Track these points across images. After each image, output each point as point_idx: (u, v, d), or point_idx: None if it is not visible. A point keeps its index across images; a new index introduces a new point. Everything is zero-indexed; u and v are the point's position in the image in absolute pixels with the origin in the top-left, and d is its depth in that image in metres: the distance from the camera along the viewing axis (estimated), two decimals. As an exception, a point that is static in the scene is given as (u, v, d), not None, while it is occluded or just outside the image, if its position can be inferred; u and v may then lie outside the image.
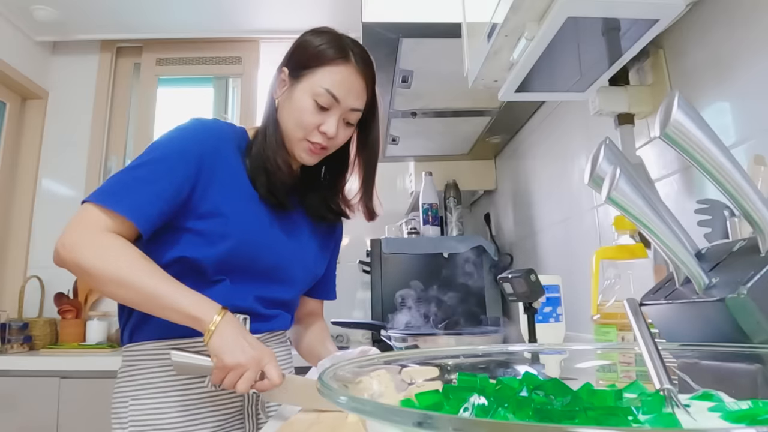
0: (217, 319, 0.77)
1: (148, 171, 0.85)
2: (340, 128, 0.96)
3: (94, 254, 0.79)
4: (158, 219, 0.84)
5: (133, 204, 0.81)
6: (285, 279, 0.99)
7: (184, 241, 0.88)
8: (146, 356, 0.91)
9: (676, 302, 0.41)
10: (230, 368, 0.76)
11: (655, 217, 0.39)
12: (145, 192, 0.83)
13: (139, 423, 0.88)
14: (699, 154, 0.36)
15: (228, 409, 0.92)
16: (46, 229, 2.64)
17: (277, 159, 0.94)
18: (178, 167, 0.86)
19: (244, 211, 0.92)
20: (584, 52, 0.86)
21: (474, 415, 0.31)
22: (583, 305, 0.84)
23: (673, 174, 0.93)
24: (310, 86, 0.93)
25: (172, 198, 0.84)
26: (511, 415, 0.30)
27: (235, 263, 0.91)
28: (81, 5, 2.47)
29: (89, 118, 2.77)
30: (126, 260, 0.79)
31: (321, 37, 0.95)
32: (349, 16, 1.86)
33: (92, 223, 0.81)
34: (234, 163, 0.94)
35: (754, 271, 0.35)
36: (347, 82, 0.93)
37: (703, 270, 0.39)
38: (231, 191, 0.92)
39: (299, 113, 0.93)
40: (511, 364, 0.49)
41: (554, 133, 1.55)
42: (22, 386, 1.97)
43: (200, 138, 0.91)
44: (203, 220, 0.88)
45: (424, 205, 2.08)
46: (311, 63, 0.93)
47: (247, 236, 0.91)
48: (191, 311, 0.77)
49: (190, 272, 0.88)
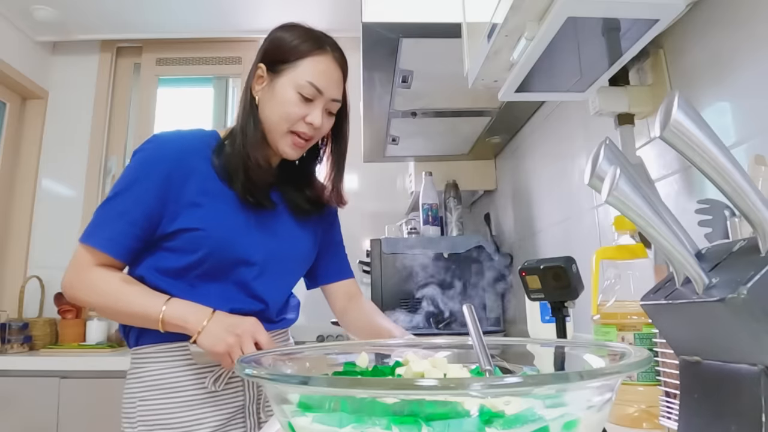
0: (206, 323, 0.86)
1: (117, 202, 0.91)
2: (324, 118, 0.97)
3: (85, 292, 0.91)
4: (134, 244, 0.92)
5: (107, 238, 0.90)
6: (276, 273, 0.99)
7: (163, 255, 0.93)
8: (152, 358, 0.94)
9: (676, 302, 0.41)
10: (224, 353, 0.84)
11: (655, 217, 0.39)
12: (117, 224, 0.90)
13: (148, 422, 0.91)
14: (699, 154, 0.36)
15: (229, 408, 0.95)
16: (46, 229, 2.64)
17: (257, 156, 0.94)
18: (145, 191, 0.90)
19: (218, 216, 0.93)
20: (584, 52, 0.86)
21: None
22: (583, 305, 0.84)
23: (673, 174, 0.93)
24: (293, 79, 0.94)
25: (144, 221, 0.91)
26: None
27: (216, 268, 0.93)
28: (81, 5, 2.47)
29: (89, 118, 2.78)
30: (110, 290, 0.90)
31: (294, 31, 0.97)
32: (349, 16, 1.86)
33: (81, 263, 0.91)
34: (203, 169, 0.94)
35: (754, 271, 0.35)
36: (327, 73, 0.96)
37: (703, 270, 0.39)
38: (204, 197, 0.93)
39: (284, 106, 0.94)
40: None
41: (554, 133, 1.55)
42: (22, 386, 1.97)
43: (161, 155, 0.93)
44: (180, 233, 0.91)
45: (424, 205, 2.08)
46: (290, 57, 0.95)
47: (224, 241, 0.93)
48: (179, 322, 0.87)
49: (176, 281, 0.92)
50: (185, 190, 0.91)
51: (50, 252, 2.58)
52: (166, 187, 0.90)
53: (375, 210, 2.72)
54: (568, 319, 0.84)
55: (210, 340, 0.85)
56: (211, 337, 0.85)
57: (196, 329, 0.85)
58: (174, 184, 0.91)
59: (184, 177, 0.92)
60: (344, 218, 1.16)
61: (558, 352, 0.52)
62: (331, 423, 0.34)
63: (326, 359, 0.55)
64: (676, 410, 0.49)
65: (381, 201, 2.75)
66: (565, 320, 0.83)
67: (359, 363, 0.52)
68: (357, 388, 0.33)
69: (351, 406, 0.34)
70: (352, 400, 0.35)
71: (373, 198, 2.75)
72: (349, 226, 1.16)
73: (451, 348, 0.57)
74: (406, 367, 0.47)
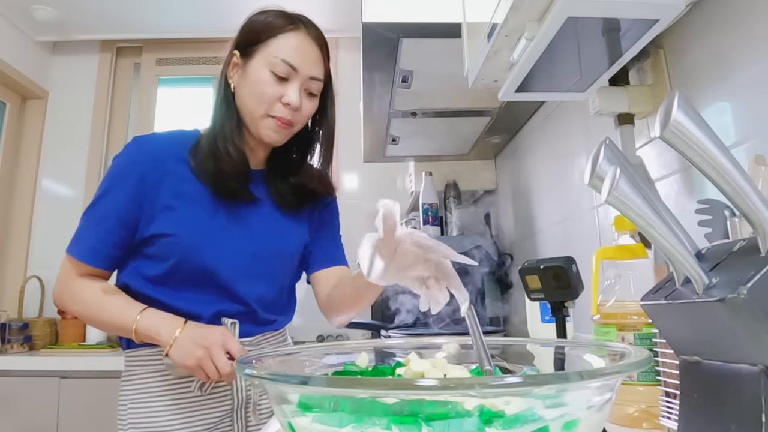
0: (177, 334, 0.84)
1: (95, 211, 0.91)
2: (304, 99, 0.93)
3: (70, 302, 0.92)
4: (114, 252, 0.91)
5: (87, 248, 0.91)
6: (255, 274, 0.96)
7: (143, 262, 0.92)
8: (143, 361, 0.93)
9: (676, 302, 0.41)
10: (195, 367, 0.83)
11: (655, 217, 0.39)
12: (95, 233, 0.91)
13: (138, 425, 0.91)
14: (699, 154, 0.36)
15: (217, 412, 0.94)
16: (46, 229, 2.64)
17: (227, 146, 0.91)
18: (120, 197, 0.90)
19: (191, 220, 0.91)
20: (584, 52, 0.86)
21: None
22: (583, 305, 0.84)
23: (673, 174, 0.93)
24: (265, 58, 0.91)
25: (121, 228, 0.90)
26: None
27: (192, 274, 0.91)
28: (81, 5, 2.47)
29: (89, 118, 2.77)
30: (89, 300, 0.90)
31: (266, 13, 0.95)
32: (349, 16, 1.86)
33: (66, 274, 0.92)
34: (178, 171, 0.92)
35: (754, 271, 0.35)
36: (302, 49, 0.92)
37: (703, 270, 0.39)
38: (177, 200, 0.91)
39: (257, 87, 0.91)
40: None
41: (554, 133, 1.55)
42: (22, 386, 1.97)
43: (135, 159, 0.92)
44: (154, 238, 0.90)
45: (424, 205, 2.08)
46: (261, 37, 0.92)
47: (195, 246, 0.90)
48: (152, 334, 0.86)
49: (159, 287, 0.91)
50: (159, 193, 0.90)
51: (50, 252, 2.58)
52: (140, 190, 0.89)
53: (375, 210, 2.71)
54: (568, 319, 0.83)
55: (180, 354, 0.83)
56: (181, 350, 0.83)
57: (168, 342, 0.84)
58: (148, 188, 0.89)
59: (158, 180, 0.90)
60: (344, 218, 1.15)
61: (558, 352, 0.52)
62: (331, 423, 0.34)
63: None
64: (676, 410, 0.49)
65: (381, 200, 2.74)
66: (565, 320, 0.82)
67: (359, 363, 0.52)
68: (357, 388, 0.33)
69: (351, 406, 0.35)
70: (352, 400, 0.35)
71: (373, 198, 2.72)
72: (349, 226, 1.15)
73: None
74: (406, 367, 0.47)
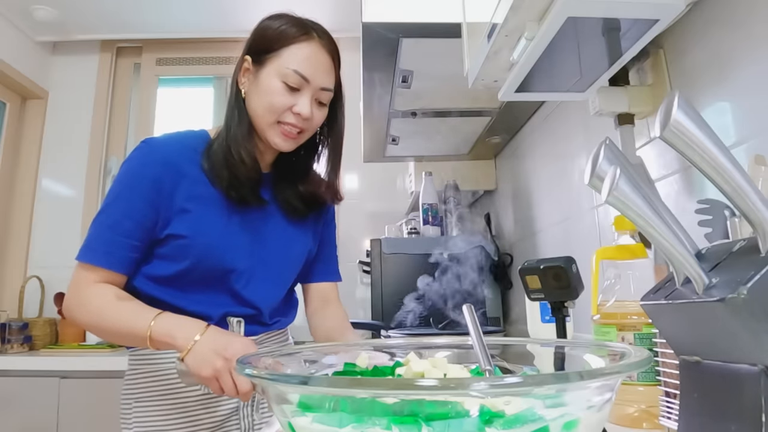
0: (197, 338, 0.80)
1: (109, 214, 0.89)
2: (314, 109, 0.93)
3: (80, 314, 0.87)
4: (132, 255, 0.89)
5: (101, 252, 0.88)
6: (265, 278, 0.97)
7: (155, 263, 0.91)
8: (148, 361, 0.93)
9: (676, 302, 0.41)
10: (211, 378, 0.78)
11: (655, 217, 0.39)
12: (112, 236, 0.88)
13: (143, 425, 0.90)
14: (699, 154, 0.36)
15: (223, 410, 0.94)
16: (46, 229, 2.64)
17: (240, 151, 0.91)
18: (135, 200, 0.88)
19: (205, 223, 0.91)
20: (584, 52, 0.86)
21: None
22: (583, 305, 0.84)
23: (673, 174, 0.93)
24: (277, 68, 0.91)
25: (139, 230, 0.88)
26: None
27: (204, 276, 0.91)
28: (81, 5, 2.47)
29: (89, 118, 2.77)
30: (99, 306, 0.86)
31: (280, 20, 0.94)
32: (349, 16, 1.86)
33: (80, 283, 0.88)
34: (193, 173, 0.92)
35: (754, 271, 0.35)
36: (314, 60, 0.92)
37: (703, 270, 0.39)
38: (192, 203, 0.91)
39: (268, 96, 0.91)
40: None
41: (554, 133, 1.55)
42: (22, 386, 1.97)
43: (149, 161, 0.91)
44: (169, 239, 0.90)
45: (424, 205, 2.08)
46: (274, 45, 0.92)
47: (209, 249, 0.90)
48: (167, 339, 0.81)
49: (167, 288, 0.90)
50: (176, 196, 0.89)
51: (50, 252, 2.58)
52: (156, 193, 0.88)
53: (375, 210, 2.72)
54: (568, 319, 0.83)
55: (196, 362, 0.78)
56: (198, 358, 0.78)
57: (185, 346, 0.79)
58: (165, 190, 0.89)
59: (175, 182, 0.90)
60: (344, 218, 1.15)
61: (558, 352, 0.52)
62: (331, 423, 0.34)
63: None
64: (676, 410, 0.49)
65: (381, 201, 2.74)
66: (565, 320, 0.82)
67: (359, 363, 0.52)
68: (357, 388, 0.33)
69: (351, 406, 0.35)
70: (352, 400, 0.35)
71: (373, 198, 2.74)
72: (349, 226, 1.15)
73: (450, 348, 0.58)
74: (406, 367, 0.47)
